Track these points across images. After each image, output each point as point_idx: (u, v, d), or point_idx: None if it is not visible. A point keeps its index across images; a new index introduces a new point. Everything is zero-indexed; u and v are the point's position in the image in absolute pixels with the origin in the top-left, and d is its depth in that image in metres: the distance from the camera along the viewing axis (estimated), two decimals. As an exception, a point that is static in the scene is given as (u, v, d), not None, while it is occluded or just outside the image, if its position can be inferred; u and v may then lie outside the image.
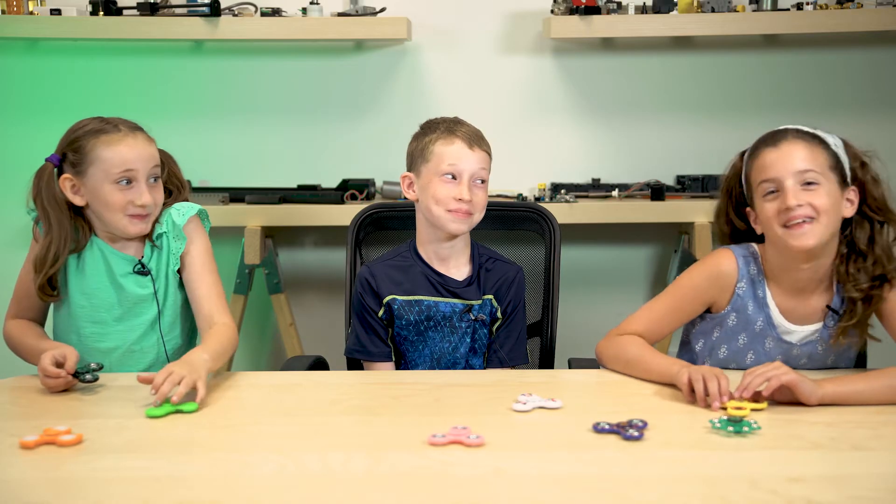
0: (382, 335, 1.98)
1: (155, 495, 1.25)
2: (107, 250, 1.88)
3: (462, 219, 1.91)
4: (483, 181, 1.94)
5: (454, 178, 1.91)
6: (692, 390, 1.60)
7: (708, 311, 1.86)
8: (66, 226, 1.84)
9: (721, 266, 1.82)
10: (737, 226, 1.87)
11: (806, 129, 1.77)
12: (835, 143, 1.77)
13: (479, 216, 1.94)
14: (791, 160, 1.72)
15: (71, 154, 1.82)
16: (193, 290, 1.90)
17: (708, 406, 1.57)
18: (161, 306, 1.90)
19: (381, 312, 1.97)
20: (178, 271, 1.91)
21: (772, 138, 1.77)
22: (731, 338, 1.84)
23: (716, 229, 1.94)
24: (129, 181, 1.82)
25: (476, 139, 1.94)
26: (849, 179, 1.76)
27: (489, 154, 1.96)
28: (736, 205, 1.87)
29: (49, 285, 1.85)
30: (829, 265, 1.77)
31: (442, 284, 1.97)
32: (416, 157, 1.97)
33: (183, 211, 1.92)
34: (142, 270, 1.88)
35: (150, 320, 1.89)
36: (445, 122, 1.97)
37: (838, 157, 1.75)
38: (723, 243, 1.91)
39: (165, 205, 1.92)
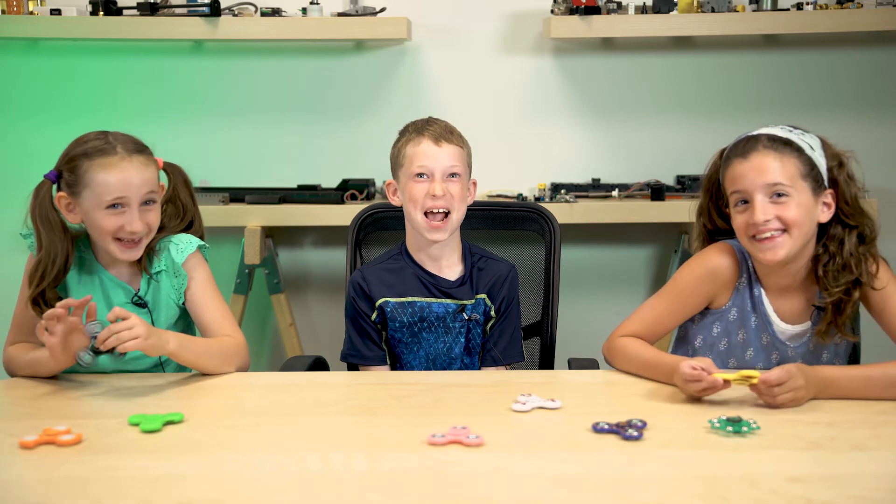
0: (376, 339, 1.98)
1: (155, 495, 1.25)
2: (106, 278, 1.86)
3: (439, 228, 1.90)
4: (456, 175, 1.92)
5: (426, 176, 1.90)
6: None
7: (707, 306, 1.86)
8: (57, 245, 1.80)
9: (720, 262, 1.81)
10: (718, 225, 1.86)
11: (780, 134, 1.73)
12: (811, 145, 1.73)
13: (458, 215, 1.93)
14: (759, 174, 1.69)
15: (67, 174, 1.79)
16: (200, 318, 1.89)
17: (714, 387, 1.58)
18: None
19: (373, 316, 1.97)
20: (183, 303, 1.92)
21: (742, 148, 1.73)
22: (731, 332, 1.83)
23: (696, 228, 1.91)
24: (122, 205, 1.78)
25: (444, 134, 1.92)
26: (826, 182, 1.73)
27: (462, 147, 1.94)
28: (717, 203, 1.85)
29: (43, 301, 1.80)
30: (808, 265, 1.76)
31: (434, 285, 1.96)
32: (393, 162, 1.98)
33: (181, 247, 1.89)
34: (139, 302, 1.87)
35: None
36: (416, 123, 1.97)
37: (813, 163, 1.71)
38: (702, 241, 1.89)
39: (167, 231, 1.90)
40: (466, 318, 1.97)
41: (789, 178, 1.69)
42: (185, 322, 1.95)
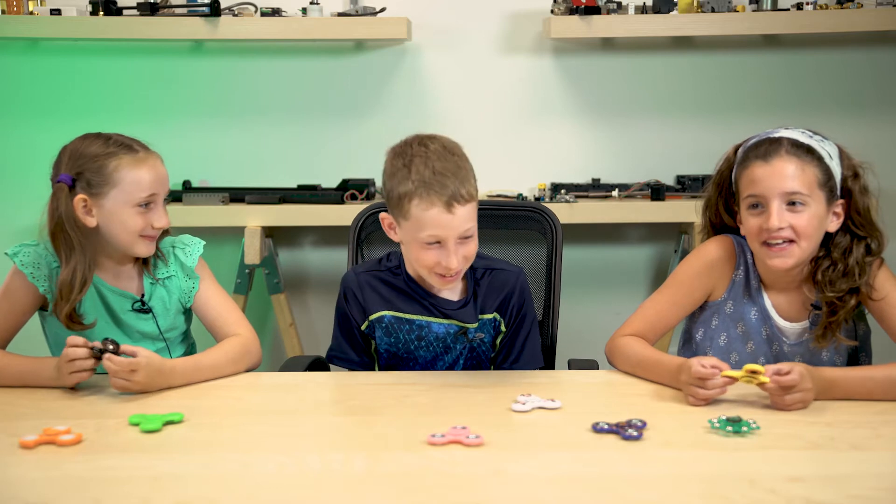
0: (364, 347, 1.88)
1: (155, 495, 1.25)
2: (103, 288, 1.83)
3: (450, 281, 1.75)
4: (471, 235, 1.71)
5: (439, 242, 1.69)
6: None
7: (707, 299, 1.86)
8: (87, 249, 1.77)
9: (717, 253, 1.82)
10: (725, 220, 1.85)
11: (801, 139, 1.70)
12: (830, 153, 1.71)
13: (468, 264, 1.76)
14: (779, 180, 1.67)
15: (89, 174, 1.75)
16: (209, 317, 1.90)
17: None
18: (168, 342, 1.88)
19: (363, 326, 1.86)
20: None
21: (764, 150, 1.71)
22: (729, 326, 1.83)
23: (701, 222, 1.91)
24: (149, 204, 1.78)
25: (455, 195, 1.65)
26: (839, 191, 1.72)
27: (473, 199, 1.69)
28: (726, 198, 1.84)
29: (75, 311, 1.77)
30: (808, 267, 1.76)
31: (434, 306, 1.83)
32: (392, 202, 1.72)
33: (188, 251, 1.91)
34: (142, 308, 1.86)
35: (157, 353, 1.83)
36: (417, 165, 1.68)
37: (830, 173, 1.70)
38: (706, 235, 1.89)
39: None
40: (468, 340, 1.85)
41: (807, 187, 1.67)
42: (185, 324, 1.94)
